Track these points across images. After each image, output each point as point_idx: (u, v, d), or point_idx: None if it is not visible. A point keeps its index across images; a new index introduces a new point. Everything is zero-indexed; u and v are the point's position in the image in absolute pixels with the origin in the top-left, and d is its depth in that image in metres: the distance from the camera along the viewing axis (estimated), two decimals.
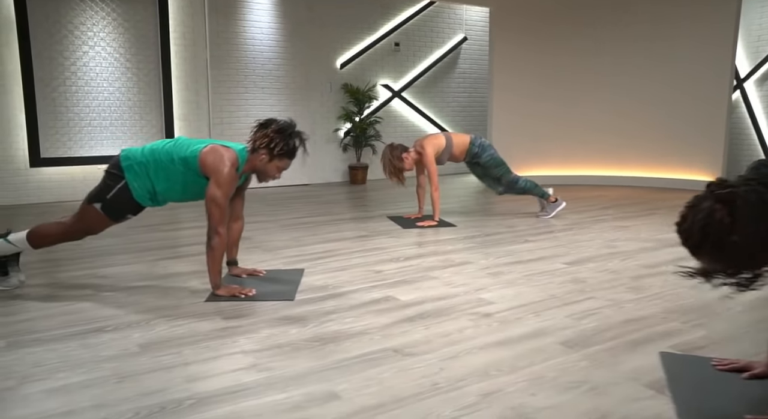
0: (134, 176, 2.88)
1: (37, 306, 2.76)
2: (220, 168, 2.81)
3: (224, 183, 2.81)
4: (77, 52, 6.03)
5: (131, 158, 2.89)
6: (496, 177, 5.00)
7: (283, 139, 2.90)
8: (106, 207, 2.89)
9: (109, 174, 2.92)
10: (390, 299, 2.85)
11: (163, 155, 2.88)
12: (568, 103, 7.33)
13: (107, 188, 2.89)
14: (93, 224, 2.94)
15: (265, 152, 2.90)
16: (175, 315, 2.63)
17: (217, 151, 2.86)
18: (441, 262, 3.57)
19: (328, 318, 2.59)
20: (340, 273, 3.33)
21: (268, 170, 2.96)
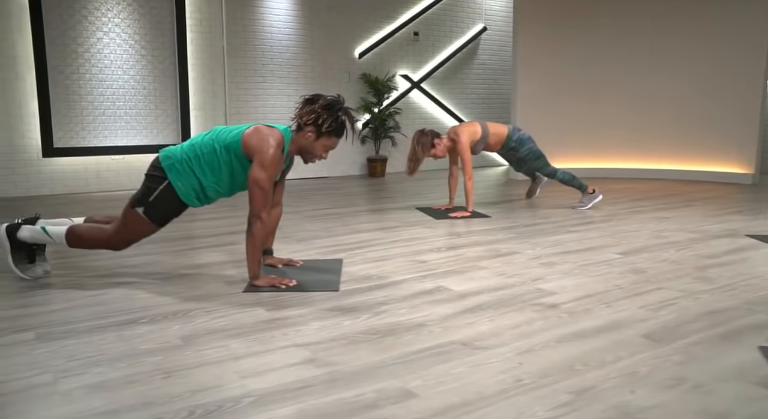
0: (177, 176, 2.69)
1: (65, 296, 2.56)
2: (265, 148, 2.60)
3: (269, 164, 2.61)
4: (91, 38, 5.82)
5: (172, 157, 2.70)
6: (532, 168, 4.81)
7: (331, 115, 2.69)
8: (149, 211, 2.70)
9: (150, 177, 2.73)
10: (443, 290, 2.65)
11: (204, 147, 2.69)
12: (593, 94, 7.12)
13: (149, 191, 2.70)
14: (136, 231, 2.74)
15: (312, 129, 2.70)
16: (214, 307, 2.43)
17: (260, 131, 2.66)
18: (486, 252, 3.36)
19: (380, 309, 2.39)
20: (383, 263, 3.12)
21: (315, 148, 2.76)
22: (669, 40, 6.82)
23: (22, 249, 2.77)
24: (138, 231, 2.73)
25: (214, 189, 2.75)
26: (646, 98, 7.00)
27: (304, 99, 2.75)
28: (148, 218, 2.70)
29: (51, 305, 2.44)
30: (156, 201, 2.69)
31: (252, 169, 2.61)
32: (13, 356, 1.93)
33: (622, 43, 7.00)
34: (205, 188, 2.73)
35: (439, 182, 6.80)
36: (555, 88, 7.13)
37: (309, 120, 2.69)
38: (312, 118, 2.68)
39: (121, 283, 2.78)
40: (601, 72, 7.07)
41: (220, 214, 4.69)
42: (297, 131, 2.74)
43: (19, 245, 2.76)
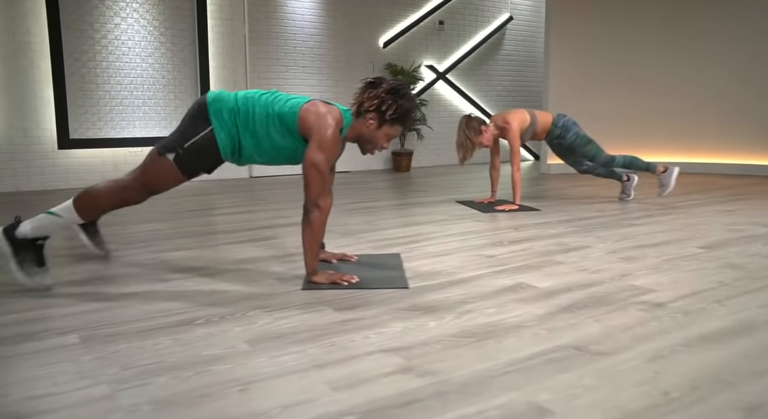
0: (222, 124, 2.37)
1: (102, 293, 2.28)
2: (324, 128, 2.32)
3: (327, 146, 2.32)
4: (108, 24, 5.54)
5: (222, 102, 2.37)
6: (585, 156, 4.50)
7: (396, 101, 2.39)
8: (182, 158, 2.35)
9: (191, 118, 2.38)
10: (525, 287, 2.37)
11: (258, 105, 2.39)
12: (630, 86, 6.83)
13: (185, 135, 2.36)
14: (160, 179, 2.39)
15: (375, 116, 2.40)
16: (274, 306, 2.14)
17: (318, 107, 2.37)
18: (555, 246, 3.08)
19: (464, 309, 2.10)
20: (446, 258, 2.84)
21: (376, 137, 2.46)
22: (716, 26, 6.53)
23: (26, 248, 2.32)
24: (162, 180, 2.39)
25: (249, 154, 2.45)
26: (689, 88, 6.71)
27: (366, 82, 2.44)
28: (179, 166, 2.36)
29: (89, 304, 2.16)
30: (192, 148, 2.35)
31: (309, 150, 2.32)
32: (59, 363, 1.65)
33: (664, 27, 6.71)
34: (243, 148, 2.42)
35: (468, 176, 6.52)
36: (590, 78, 6.84)
37: (372, 106, 2.39)
38: (375, 103, 2.38)
39: (162, 279, 2.49)
40: (640, 60, 6.78)
41: (249, 207, 4.40)
42: (356, 117, 2.45)
43: (20, 244, 2.31)
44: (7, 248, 2.31)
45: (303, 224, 2.37)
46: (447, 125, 7.77)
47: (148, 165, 2.38)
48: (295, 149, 2.43)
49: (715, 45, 6.51)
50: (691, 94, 6.71)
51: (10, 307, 2.12)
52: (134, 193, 2.41)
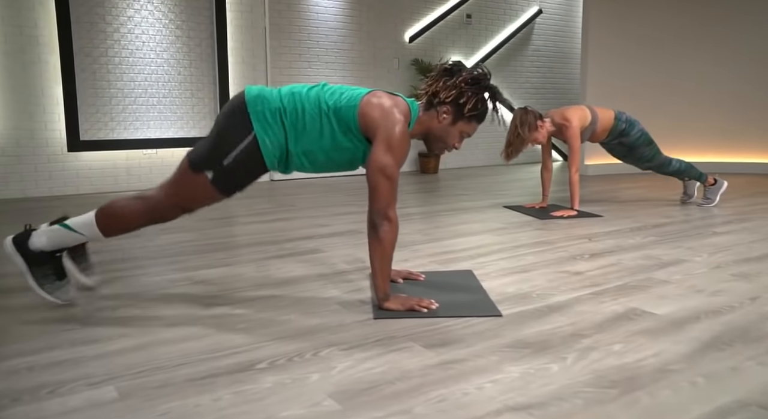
0: (265, 128, 1.95)
1: (135, 326, 1.88)
2: (391, 124, 1.93)
3: (397, 145, 1.93)
4: (121, 16, 5.15)
5: (263, 101, 1.96)
6: (642, 156, 4.10)
7: (477, 93, 1.99)
8: (222, 176, 1.95)
9: (228, 123, 1.96)
10: (641, 314, 1.97)
11: (308, 101, 1.98)
12: (673, 82, 6.43)
13: (224, 147, 1.94)
14: (196, 200, 2.00)
15: (450, 110, 2.01)
16: (348, 342, 1.75)
17: (383, 100, 1.97)
18: (645, 260, 2.68)
19: (582, 345, 1.71)
20: (527, 276, 2.44)
21: (449, 135, 2.06)
22: (764, 18, 6.13)
23: (43, 262, 2.02)
24: (197, 199, 2.01)
25: (299, 162, 2.04)
26: (733, 85, 6.31)
27: (443, 68, 2.03)
28: (217, 185, 1.96)
29: (122, 340, 1.76)
30: (233, 163, 1.94)
31: (374, 151, 1.93)
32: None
33: (710, 20, 6.31)
34: (291, 155, 2.01)
35: (502, 178, 6.13)
36: (630, 74, 6.44)
37: (448, 97, 1.99)
38: (453, 95, 1.98)
39: (203, 305, 2.10)
40: (684, 55, 6.38)
41: (279, 214, 4.01)
42: (426, 109, 2.06)
43: (37, 258, 2.01)
44: (23, 263, 1.99)
45: (371, 241, 1.98)
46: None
47: (181, 181, 1.98)
48: (354, 151, 2.04)
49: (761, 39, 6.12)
50: (735, 92, 6.31)
51: (28, 345, 1.73)
52: (167, 212, 2.03)
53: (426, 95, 2.06)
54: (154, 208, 2.00)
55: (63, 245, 2.03)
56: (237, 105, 1.98)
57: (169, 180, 2.01)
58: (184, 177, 1.97)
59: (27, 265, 1.99)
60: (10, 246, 2.01)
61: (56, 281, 2.04)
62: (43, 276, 2.01)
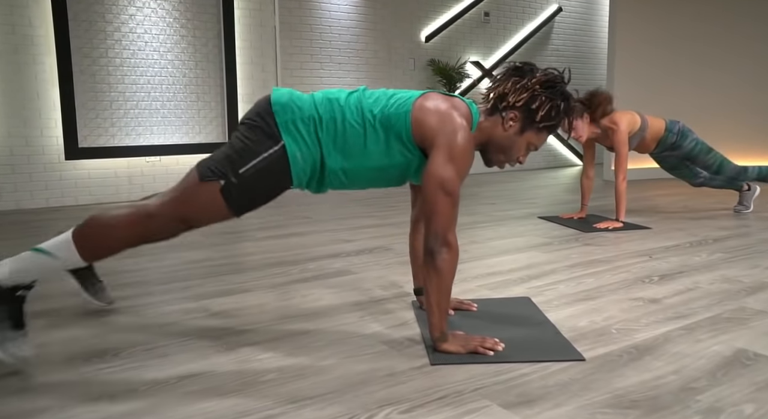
0: (296, 140, 1.63)
1: (142, 376, 1.53)
2: (452, 131, 1.61)
3: (459, 154, 1.60)
4: (122, 14, 4.82)
5: (295, 109, 1.64)
6: (707, 167, 3.75)
7: (553, 99, 1.67)
8: (234, 188, 1.61)
9: (251, 129, 1.64)
10: (754, 357, 1.63)
11: (348, 109, 1.65)
12: (704, 85, 6.09)
13: (243, 155, 1.62)
14: (200, 213, 1.63)
15: (519, 116, 1.69)
16: (408, 400, 1.41)
17: (439, 103, 1.65)
18: (726, 283, 2.34)
19: (702, 405, 1.37)
20: (594, 305, 2.10)
21: (515, 146, 1.72)
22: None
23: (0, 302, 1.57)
24: (203, 213, 1.64)
25: (336, 179, 1.71)
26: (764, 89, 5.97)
27: (511, 67, 1.71)
28: (227, 198, 1.62)
29: (127, 403, 1.41)
30: (251, 175, 1.61)
31: (432, 163, 1.60)
32: None
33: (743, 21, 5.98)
34: (327, 172, 1.68)
35: (520, 185, 5.79)
36: (656, 78, 6.10)
37: (519, 101, 1.66)
38: (524, 98, 1.66)
39: (224, 347, 1.75)
40: (715, 57, 6.04)
41: (294, 228, 3.67)
42: (489, 114, 1.72)
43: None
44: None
45: (426, 270, 1.63)
46: None
47: (186, 190, 1.63)
48: (406, 166, 1.71)
49: None
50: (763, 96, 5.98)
51: (19, 402, 1.39)
52: (163, 224, 1.63)
53: (491, 98, 1.73)
54: (148, 219, 1.61)
55: (28, 277, 1.60)
56: (263, 110, 1.65)
57: (171, 188, 1.66)
58: (191, 185, 1.62)
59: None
60: None
61: (9, 331, 1.56)
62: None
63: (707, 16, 6.03)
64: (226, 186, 1.61)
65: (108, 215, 1.63)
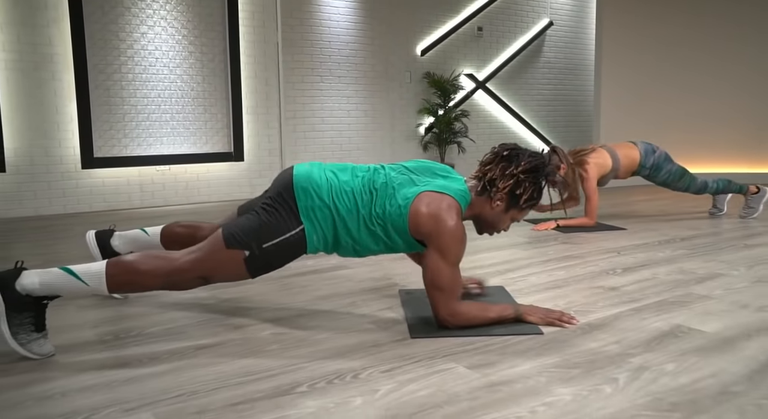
0: (314, 225, 1.91)
1: (166, 348, 1.81)
2: (441, 231, 1.85)
3: (451, 249, 1.86)
4: (134, 33, 5.14)
5: (312, 197, 1.90)
6: (678, 188, 4.02)
7: (534, 183, 1.95)
8: (256, 260, 1.87)
9: (276, 209, 1.91)
10: (687, 331, 1.90)
11: (359, 202, 1.92)
12: (691, 91, 6.38)
13: (269, 232, 1.87)
14: (222, 275, 1.89)
15: (505, 198, 1.96)
16: (390, 363, 1.68)
17: (432, 205, 1.87)
18: (681, 274, 2.61)
19: (633, 365, 1.64)
20: (561, 291, 2.38)
21: (500, 221, 2.01)
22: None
23: (25, 308, 1.72)
24: (224, 275, 1.89)
25: (350, 249, 1.99)
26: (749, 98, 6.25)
27: (499, 155, 1.98)
28: (248, 267, 1.88)
29: (153, 364, 1.70)
30: (273, 249, 1.88)
31: (429, 260, 1.88)
32: None
33: (723, 29, 6.27)
34: (340, 244, 1.97)
35: None
36: (645, 83, 6.39)
37: (505, 187, 1.94)
38: (509, 185, 1.93)
39: (233, 326, 2.03)
40: (702, 63, 6.33)
41: None
42: (479, 194, 1.99)
43: (20, 301, 1.70)
44: (1, 305, 1.68)
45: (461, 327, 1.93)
46: (487, 138, 7.33)
47: (212, 255, 1.85)
48: (410, 246, 1.98)
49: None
50: (748, 104, 6.25)
51: (53, 369, 1.67)
52: (188, 281, 1.85)
53: (481, 182, 2.00)
54: (175, 274, 1.83)
55: (57, 292, 1.76)
56: (285, 191, 1.92)
57: (198, 249, 1.87)
58: (217, 251, 1.85)
59: (4, 306, 1.68)
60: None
61: (33, 332, 1.74)
62: (19, 324, 1.71)
63: (692, 22, 6.32)
64: (251, 256, 1.86)
65: (140, 261, 1.81)
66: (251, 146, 5.79)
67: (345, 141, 6.34)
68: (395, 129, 6.66)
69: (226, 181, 5.69)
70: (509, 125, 7.51)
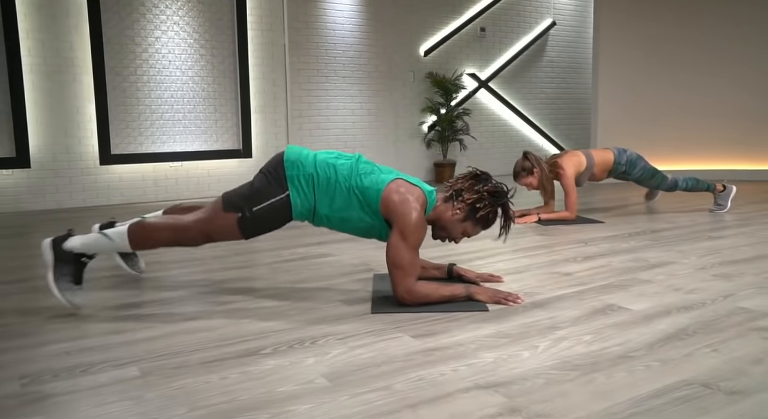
0: (298, 190, 2.21)
1: (157, 319, 2.11)
2: (408, 213, 2.13)
3: (412, 232, 2.13)
4: (149, 37, 5.47)
5: (299, 166, 2.21)
6: (650, 186, 4.30)
7: (493, 204, 2.23)
8: (247, 221, 2.20)
9: (267, 177, 2.23)
10: (617, 309, 2.14)
11: (340, 174, 2.21)
12: (683, 90, 6.53)
13: (257, 197, 2.20)
14: (221, 234, 2.24)
15: (465, 208, 2.24)
16: (345, 333, 1.95)
17: (402, 190, 2.17)
18: (634, 262, 2.84)
19: (557, 335, 1.88)
20: (520, 277, 2.62)
21: (454, 229, 2.28)
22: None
23: (67, 261, 2.18)
24: (223, 234, 2.24)
25: (325, 221, 2.28)
26: (744, 95, 6.38)
27: (473, 173, 2.29)
28: (241, 227, 2.21)
29: (146, 331, 1.99)
30: (261, 213, 2.19)
31: (390, 242, 2.15)
32: (121, 401, 1.48)
33: (719, 27, 6.40)
34: (317, 215, 2.25)
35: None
36: (642, 81, 6.55)
37: (469, 199, 2.22)
38: (473, 198, 2.22)
39: (219, 302, 2.32)
40: (697, 61, 6.48)
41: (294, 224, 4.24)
42: (445, 201, 2.27)
43: (64, 255, 2.18)
44: (51, 257, 2.16)
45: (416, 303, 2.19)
46: (489, 135, 7.55)
47: (212, 215, 2.21)
48: (372, 226, 2.26)
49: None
50: (744, 102, 6.38)
51: (63, 334, 1.97)
52: (193, 237, 2.22)
53: (450, 189, 2.28)
54: (185, 229, 2.21)
55: (92, 249, 2.21)
56: (277, 164, 2.23)
57: (205, 209, 2.25)
58: (216, 212, 2.21)
59: (54, 260, 2.16)
60: (48, 243, 2.19)
61: (72, 283, 2.18)
62: (61, 275, 2.15)
63: (689, 20, 6.46)
64: (243, 218, 2.19)
65: (154, 223, 2.23)
66: (259, 144, 6.10)
67: (350, 139, 6.62)
68: (399, 127, 6.91)
69: (236, 176, 6.00)
70: (512, 122, 7.72)
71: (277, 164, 2.24)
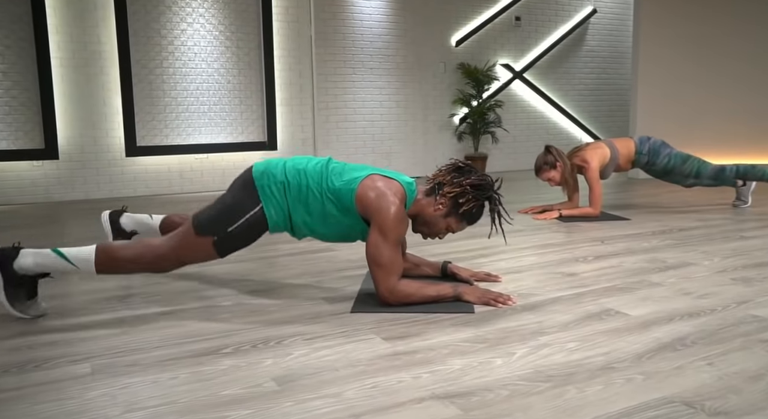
0: (270, 199, 2.09)
1: (130, 314, 2.07)
2: (384, 207, 2.00)
3: (391, 228, 2.00)
4: (175, 30, 5.50)
5: (269, 176, 2.09)
6: (687, 175, 3.98)
7: (477, 198, 2.10)
8: (223, 242, 2.07)
9: (237, 194, 2.10)
10: (613, 314, 1.97)
11: (311, 178, 2.09)
12: (730, 79, 6.13)
13: (230, 216, 2.07)
14: (195, 257, 2.10)
15: (447, 203, 2.11)
16: (316, 333, 1.86)
17: (378, 185, 2.05)
18: (649, 263, 2.64)
19: (540, 342, 1.74)
20: (518, 276, 2.47)
21: (437, 225, 2.15)
22: None
23: (21, 284, 2.00)
24: (197, 257, 2.11)
25: (304, 229, 2.15)
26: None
27: (455, 165, 2.16)
28: (217, 249, 2.07)
29: (114, 326, 1.95)
30: (237, 231, 2.06)
31: (369, 241, 2.03)
32: (63, 399, 1.43)
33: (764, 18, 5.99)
34: (295, 224, 2.14)
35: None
36: (684, 74, 6.19)
37: (450, 192, 2.09)
38: (455, 192, 2.09)
39: (201, 297, 2.26)
40: (736, 56, 6.08)
41: None
42: (427, 195, 2.15)
43: (17, 279, 1.98)
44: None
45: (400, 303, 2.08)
46: (524, 128, 7.31)
47: (185, 241, 2.06)
48: (352, 227, 2.14)
49: None
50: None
51: (27, 327, 1.95)
52: (168, 264, 2.08)
53: (431, 183, 2.16)
54: (156, 258, 2.06)
55: (48, 271, 2.03)
56: (246, 179, 2.12)
57: (173, 236, 2.09)
58: (189, 237, 2.06)
59: (3, 281, 1.96)
60: None
61: (26, 300, 2.03)
62: (15, 296, 1.99)
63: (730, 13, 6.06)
64: (218, 240, 2.07)
65: (123, 252, 2.04)
66: (285, 136, 6.07)
67: (377, 131, 6.52)
68: (428, 119, 6.76)
69: None
70: (548, 115, 7.45)
71: (246, 178, 2.13)
